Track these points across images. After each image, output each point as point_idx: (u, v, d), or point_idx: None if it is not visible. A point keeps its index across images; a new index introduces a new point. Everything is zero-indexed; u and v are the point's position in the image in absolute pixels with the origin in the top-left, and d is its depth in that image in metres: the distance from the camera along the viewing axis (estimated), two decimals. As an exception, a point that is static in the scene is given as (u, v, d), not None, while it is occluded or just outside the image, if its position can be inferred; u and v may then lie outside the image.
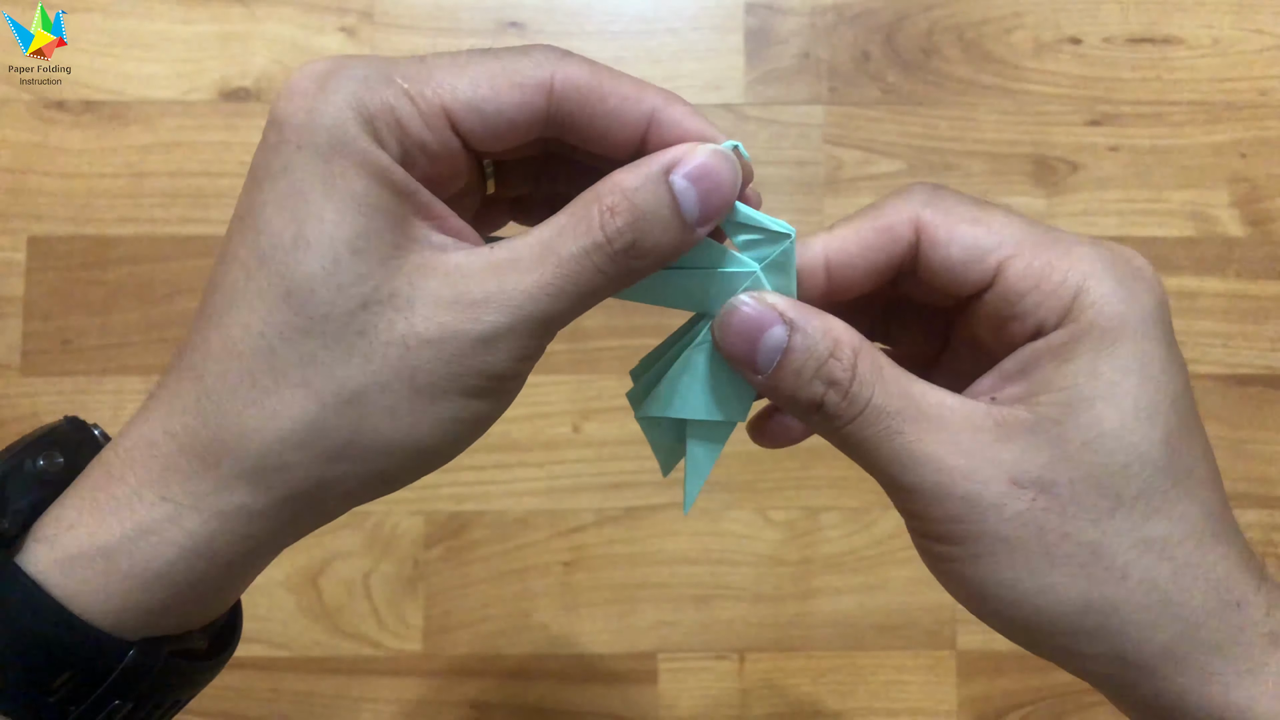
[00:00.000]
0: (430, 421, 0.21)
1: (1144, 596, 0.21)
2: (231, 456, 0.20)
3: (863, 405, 0.22)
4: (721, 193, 0.21)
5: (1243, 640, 0.21)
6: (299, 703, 0.53)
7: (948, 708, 0.54)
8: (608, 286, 0.21)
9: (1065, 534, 0.21)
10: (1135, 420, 0.21)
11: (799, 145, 0.57)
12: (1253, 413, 0.56)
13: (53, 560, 0.20)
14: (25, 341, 0.55)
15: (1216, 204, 0.57)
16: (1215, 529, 0.22)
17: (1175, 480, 0.21)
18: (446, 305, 0.20)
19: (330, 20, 0.57)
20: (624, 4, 0.58)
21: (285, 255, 0.20)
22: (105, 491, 0.21)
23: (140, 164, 0.56)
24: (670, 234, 0.21)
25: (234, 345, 0.20)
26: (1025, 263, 0.22)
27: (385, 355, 0.20)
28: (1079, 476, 0.21)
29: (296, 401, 0.20)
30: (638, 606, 0.54)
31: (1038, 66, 0.58)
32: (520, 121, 0.21)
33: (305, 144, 0.20)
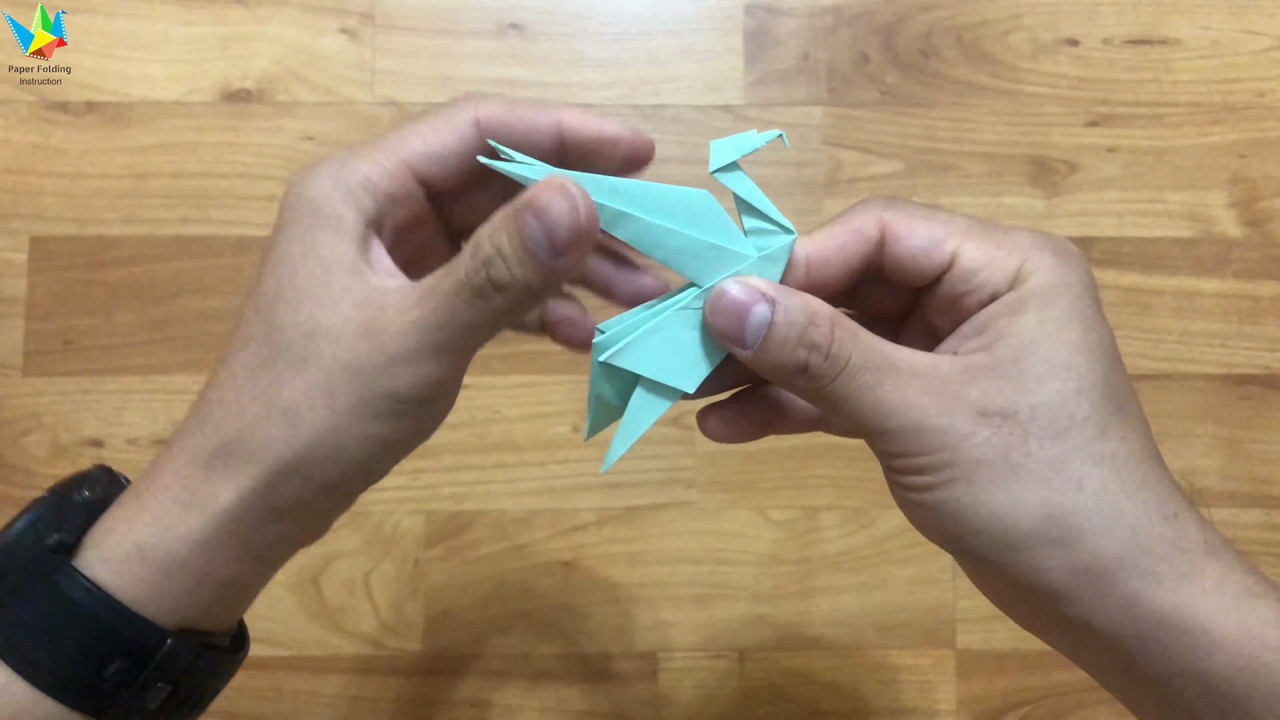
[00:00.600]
0: (348, 436, 0.25)
1: (1098, 503, 0.24)
2: (220, 462, 0.25)
3: (843, 364, 0.25)
4: (563, 228, 0.23)
5: (1182, 547, 0.24)
6: (300, 702, 0.53)
7: (947, 707, 0.54)
8: (486, 320, 0.24)
9: (1028, 452, 0.24)
10: (1080, 356, 0.25)
11: (798, 146, 0.57)
12: (1251, 413, 0.56)
13: (101, 560, 0.25)
14: (27, 342, 0.55)
15: (1214, 205, 0.57)
16: (1152, 453, 0.25)
17: (1117, 407, 0.25)
18: (361, 336, 0.24)
19: (331, 22, 0.58)
20: (624, 5, 0.58)
21: (269, 304, 0.25)
22: (137, 502, 0.26)
23: (142, 165, 0.56)
24: (524, 267, 0.23)
25: (231, 375, 0.26)
26: (975, 246, 0.26)
27: (315, 378, 0.25)
28: (1037, 403, 0.24)
29: (257, 415, 0.25)
30: (638, 606, 0.54)
31: (1036, 68, 0.58)
32: (461, 152, 0.26)
33: (294, 218, 0.26)
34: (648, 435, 0.53)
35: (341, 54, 0.57)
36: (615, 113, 0.57)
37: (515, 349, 0.56)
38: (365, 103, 0.57)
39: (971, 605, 0.54)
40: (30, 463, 0.54)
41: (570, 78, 0.57)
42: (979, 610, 0.54)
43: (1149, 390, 0.56)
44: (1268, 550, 0.55)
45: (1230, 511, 0.55)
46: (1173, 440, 0.56)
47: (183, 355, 0.55)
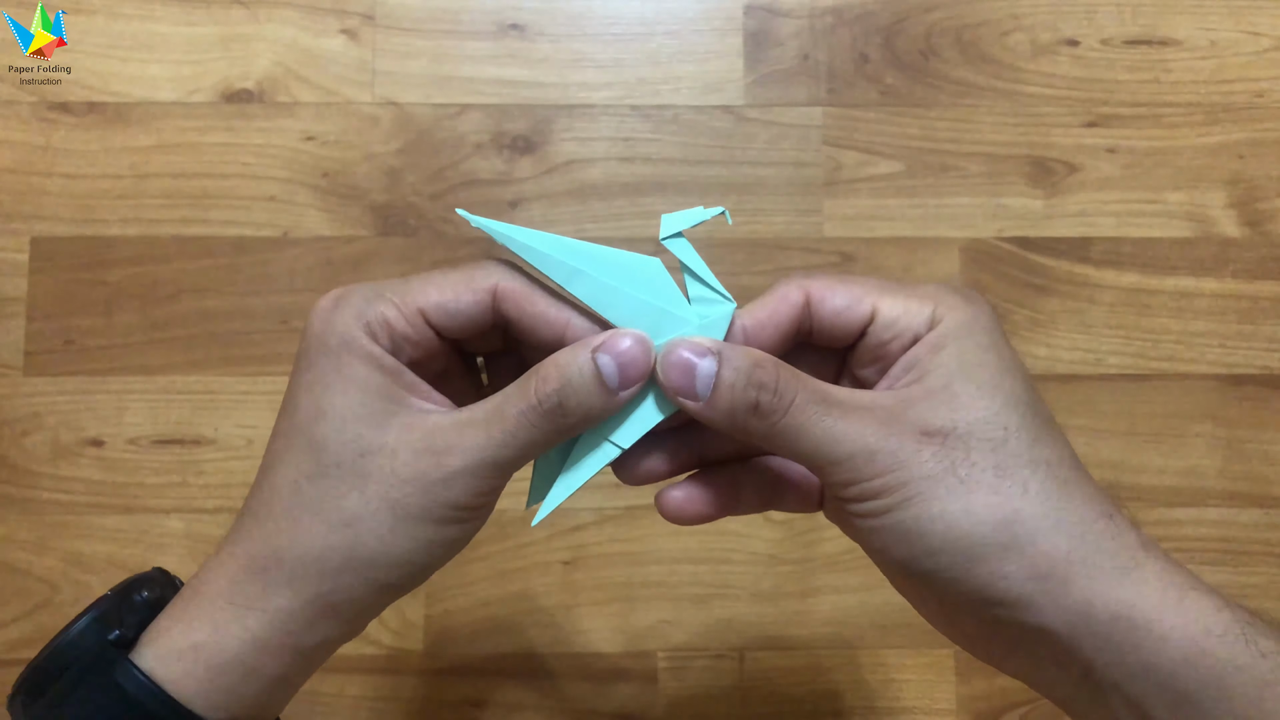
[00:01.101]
0: (409, 541, 0.27)
1: (1043, 505, 0.26)
2: (274, 569, 0.27)
3: (791, 398, 0.27)
4: (637, 367, 0.27)
5: (1124, 543, 0.26)
6: (300, 701, 0.53)
7: (946, 706, 0.54)
8: (546, 439, 0.27)
9: (973, 463, 0.26)
10: (1003, 376, 0.27)
11: (798, 146, 0.57)
12: (1250, 413, 0.56)
13: (156, 656, 0.27)
14: (28, 342, 0.55)
15: (1214, 205, 0.57)
16: (1077, 461, 0.27)
17: (1043, 421, 0.27)
18: (420, 453, 0.27)
19: (332, 22, 0.58)
20: (624, 6, 0.58)
21: (310, 425, 0.27)
22: (192, 604, 0.28)
23: (142, 165, 0.56)
24: (594, 397, 0.27)
25: (278, 490, 0.28)
26: (891, 299, 0.29)
27: (375, 491, 0.27)
28: (973, 419, 0.26)
29: (312, 525, 0.27)
30: (637, 606, 0.54)
31: (1035, 68, 0.58)
32: (474, 314, 0.28)
33: (324, 348, 0.28)
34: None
35: (342, 54, 0.57)
36: (615, 113, 0.57)
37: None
38: (365, 103, 0.57)
39: (971, 605, 0.54)
40: (31, 462, 0.54)
41: (570, 78, 0.58)
42: (978, 610, 0.54)
43: (1148, 390, 0.56)
44: (1267, 550, 0.55)
45: (1230, 511, 0.56)
46: (1172, 440, 0.56)
47: (183, 355, 0.55)
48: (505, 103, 0.57)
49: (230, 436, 0.55)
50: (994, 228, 0.57)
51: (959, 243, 0.57)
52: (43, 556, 0.54)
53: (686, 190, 0.57)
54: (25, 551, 0.54)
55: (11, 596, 0.53)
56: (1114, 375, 0.56)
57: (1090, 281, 0.57)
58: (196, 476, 0.54)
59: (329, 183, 0.57)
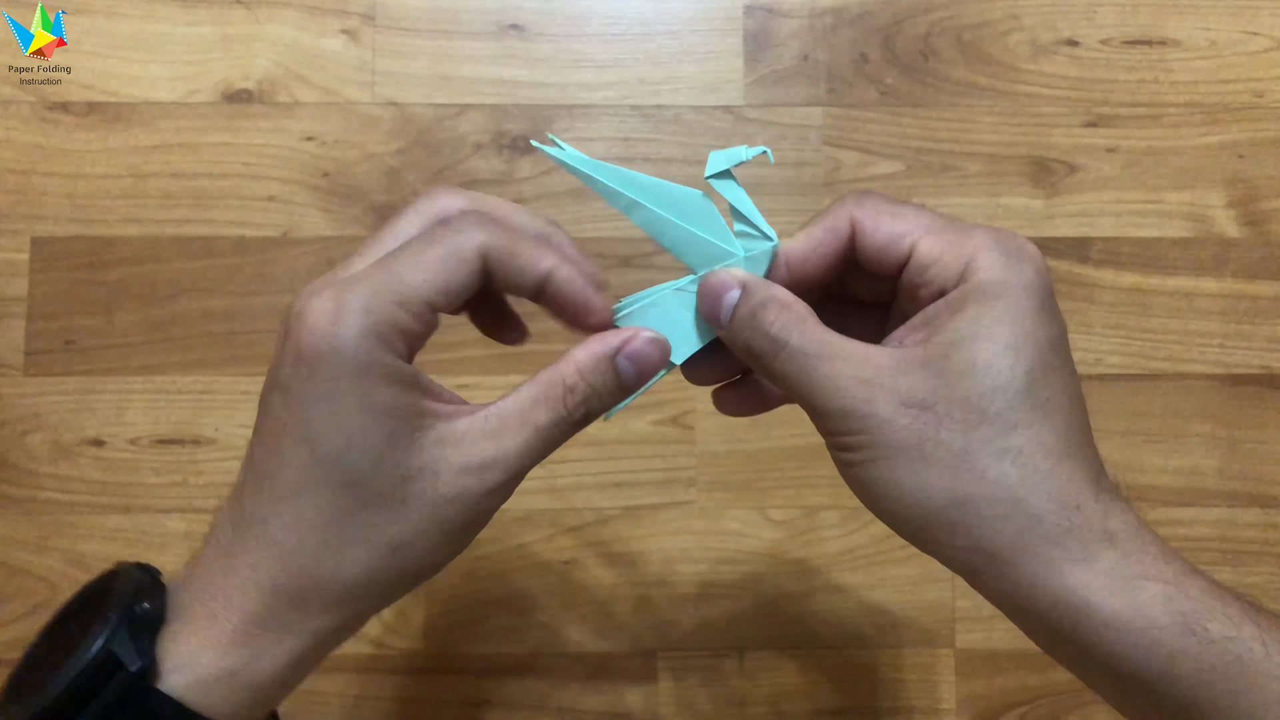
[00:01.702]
0: (452, 549, 0.29)
1: (997, 492, 0.26)
2: (316, 596, 0.28)
3: (785, 343, 0.28)
4: (651, 366, 0.30)
5: (1080, 537, 0.26)
6: (300, 701, 0.53)
7: (946, 706, 0.54)
8: (569, 436, 0.29)
9: (939, 441, 0.27)
10: (1003, 356, 0.26)
11: (798, 147, 0.57)
12: (1249, 413, 0.56)
13: (187, 684, 0.27)
14: (28, 341, 0.55)
15: (1213, 205, 0.57)
16: (1064, 449, 0.27)
17: (1033, 405, 0.27)
18: (460, 472, 0.28)
19: (332, 23, 0.58)
20: (624, 7, 0.58)
21: (340, 458, 0.27)
22: (218, 629, 0.28)
23: (143, 165, 0.56)
24: (614, 396, 0.30)
25: (310, 523, 0.27)
26: (931, 242, 0.28)
27: (420, 514, 0.28)
28: (954, 398, 0.27)
29: (359, 555, 0.27)
30: (638, 605, 0.54)
31: (1035, 68, 0.58)
32: (471, 284, 0.29)
33: (339, 371, 0.26)
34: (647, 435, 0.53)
35: (342, 55, 0.57)
36: (615, 113, 0.57)
37: (515, 349, 0.55)
38: (366, 103, 0.57)
39: (971, 604, 0.54)
40: (31, 462, 0.54)
41: (570, 78, 0.58)
42: (978, 609, 0.54)
43: (1148, 390, 0.56)
44: (1267, 550, 0.55)
45: (1229, 511, 0.56)
46: (1171, 440, 0.56)
47: (183, 355, 0.55)
48: (505, 103, 0.57)
49: (231, 436, 0.55)
50: (994, 228, 0.57)
51: (959, 243, 0.57)
52: (43, 556, 0.54)
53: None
54: (25, 551, 0.54)
55: (12, 596, 0.53)
56: (1114, 375, 0.56)
57: (1090, 281, 0.57)
58: (197, 476, 0.54)
59: (329, 183, 0.57)
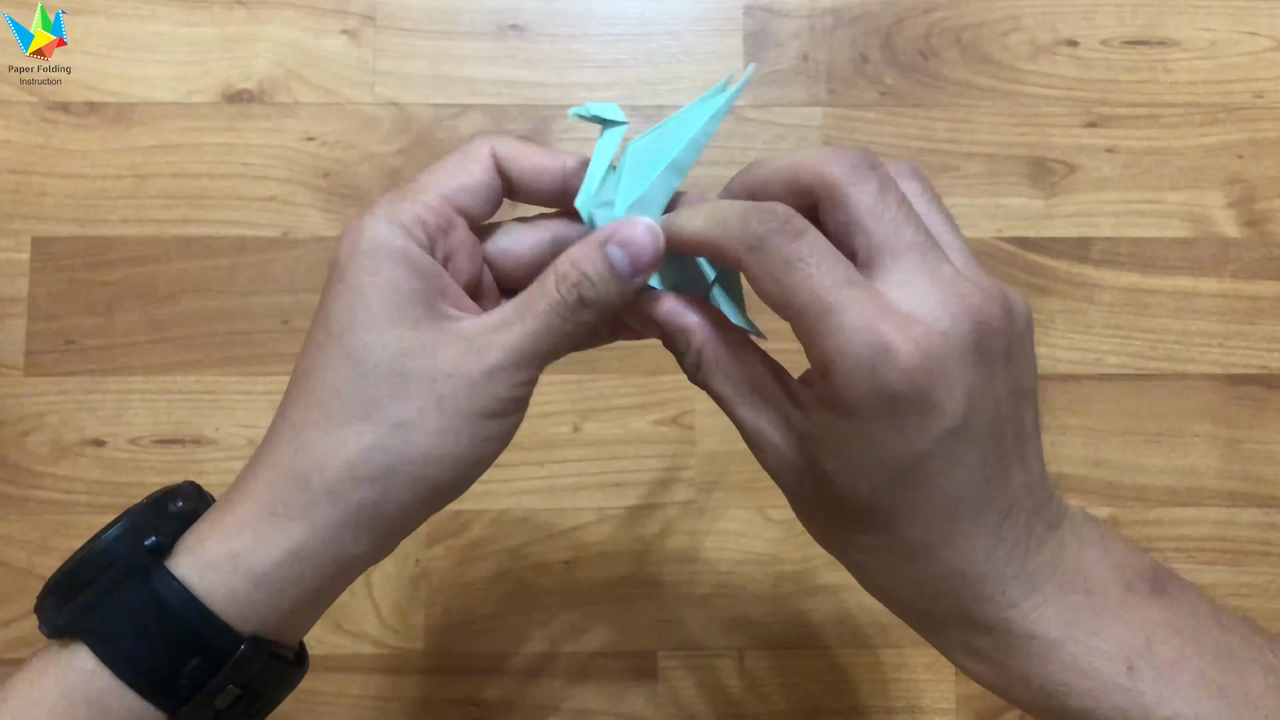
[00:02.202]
0: (457, 437, 0.27)
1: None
2: (317, 477, 0.27)
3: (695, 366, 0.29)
4: (647, 253, 0.29)
5: (1016, 572, 0.26)
6: (301, 701, 0.53)
7: (946, 706, 0.54)
8: (576, 329, 0.29)
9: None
10: (844, 475, 0.27)
11: (798, 147, 0.57)
12: (1249, 413, 0.56)
13: (192, 565, 0.27)
14: (29, 341, 0.55)
15: (1213, 205, 0.58)
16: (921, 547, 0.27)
17: (893, 502, 0.26)
18: (461, 351, 0.27)
19: (332, 23, 0.58)
20: (624, 7, 0.58)
21: (346, 331, 0.27)
22: (229, 515, 0.28)
23: (143, 165, 0.56)
24: (610, 286, 0.28)
25: (315, 397, 0.28)
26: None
27: (421, 389, 0.27)
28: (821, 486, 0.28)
29: (360, 431, 0.27)
30: (637, 605, 0.54)
31: (1035, 69, 0.58)
32: (489, 182, 0.30)
33: (356, 253, 0.28)
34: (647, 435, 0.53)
35: (342, 55, 0.57)
36: (615, 113, 0.57)
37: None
38: (366, 103, 0.57)
39: (970, 605, 0.54)
40: (32, 462, 0.54)
41: (570, 79, 0.58)
42: (978, 609, 0.54)
43: (1148, 390, 0.56)
44: (1267, 550, 0.55)
45: (1229, 511, 0.56)
46: (1172, 440, 0.56)
47: (184, 355, 0.55)
48: (505, 103, 0.57)
49: (231, 436, 0.55)
50: (993, 228, 0.57)
51: (958, 243, 0.57)
52: (43, 556, 0.54)
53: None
54: (26, 551, 0.54)
55: (12, 596, 0.53)
56: (1113, 375, 0.56)
57: (1089, 281, 0.57)
58: (198, 476, 0.54)
59: (329, 183, 0.57)
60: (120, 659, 0.26)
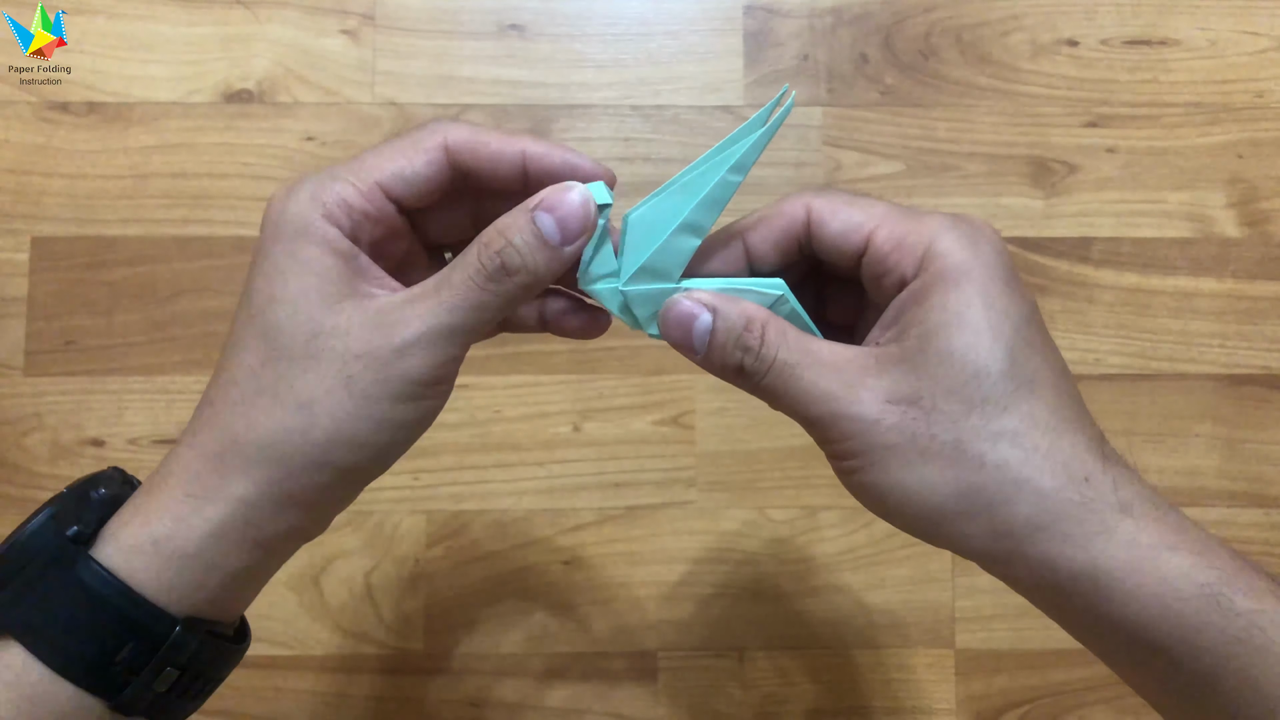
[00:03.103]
0: (366, 421, 0.27)
1: (1000, 477, 0.26)
2: (231, 456, 0.27)
3: (770, 361, 0.28)
4: (577, 220, 0.28)
5: (1094, 509, 0.26)
6: (301, 701, 0.53)
7: (946, 706, 0.54)
8: (497, 301, 0.27)
9: (932, 435, 0.26)
10: (978, 340, 0.26)
11: (798, 147, 0.57)
12: (1250, 413, 0.56)
13: (116, 551, 0.27)
14: (29, 342, 0.55)
15: (1213, 205, 0.57)
16: (1059, 423, 0.27)
17: (1018, 384, 0.26)
18: (372, 328, 0.27)
19: (332, 23, 0.58)
20: (624, 6, 0.58)
21: (264, 311, 0.27)
22: (151, 499, 0.28)
23: (143, 165, 0.56)
24: (537, 254, 0.27)
25: (232, 376, 0.27)
26: (888, 230, 0.28)
27: (329, 369, 0.27)
28: (938, 390, 0.26)
29: (268, 409, 0.27)
30: (637, 605, 0.54)
31: (1035, 68, 0.58)
32: (431, 175, 0.28)
33: (279, 235, 0.27)
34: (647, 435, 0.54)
35: (342, 55, 0.57)
36: (615, 113, 0.57)
37: (515, 349, 0.56)
38: (366, 103, 0.57)
39: (970, 604, 0.54)
40: (31, 462, 0.54)
41: (570, 78, 0.58)
42: (978, 609, 0.54)
43: (1148, 390, 0.56)
44: (1268, 550, 0.55)
45: (1229, 511, 0.56)
46: (1172, 440, 0.56)
47: (183, 355, 0.55)
48: (505, 103, 0.57)
49: (230, 436, 0.55)
50: (994, 228, 0.57)
51: (959, 243, 0.57)
52: (43, 556, 0.54)
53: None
54: (25, 551, 0.54)
55: (12, 596, 0.53)
56: (1114, 375, 0.56)
57: (1090, 281, 0.57)
58: (197, 476, 0.54)
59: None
60: (51, 651, 0.26)
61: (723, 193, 0.29)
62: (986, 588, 0.54)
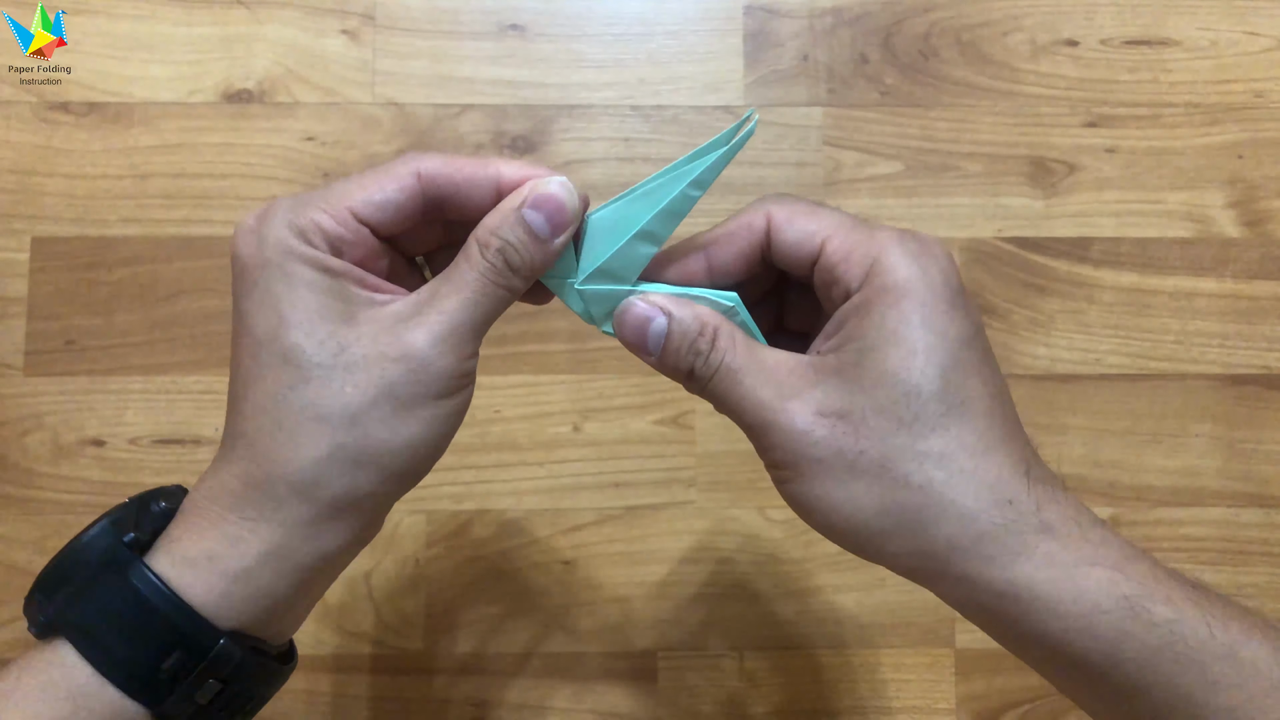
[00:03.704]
0: (415, 421, 0.28)
1: (924, 498, 0.26)
2: (280, 481, 0.27)
3: (716, 366, 0.28)
4: (563, 212, 0.28)
5: (1015, 530, 0.26)
6: (301, 701, 0.53)
7: (946, 706, 0.54)
8: (505, 295, 0.29)
9: (860, 451, 0.26)
10: (912, 360, 0.26)
11: (798, 147, 0.57)
12: (1249, 413, 0.56)
13: (170, 563, 0.27)
14: (29, 342, 0.55)
15: (1213, 205, 0.57)
16: (987, 446, 0.27)
17: (949, 406, 0.27)
18: (398, 332, 0.27)
19: (332, 23, 0.58)
20: (624, 6, 0.58)
21: (273, 336, 0.27)
22: (200, 518, 0.28)
23: (143, 165, 0.56)
24: (532, 249, 0.28)
25: (261, 406, 0.27)
26: (839, 241, 0.28)
27: (366, 378, 0.27)
28: (869, 406, 0.26)
29: (314, 430, 0.27)
30: (637, 605, 0.54)
31: (1035, 69, 0.58)
32: (403, 203, 0.29)
33: (264, 262, 0.28)
34: (647, 435, 0.54)
35: (342, 55, 0.57)
36: (615, 113, 0.57)
37: (515, 349, 0.56)
38: (366, 103, 0.57)
39: (971, 605, 0.54)
40: (32, 462, 0.54)
41: (570, 78, 0.58)
42: (978, 610, 0.54)
43: (1148, 390, 0.56)
44: (1267, 550, 0.55)
45: (1229, 511, 0.56)
46: (1172, 440, 0.56)
47: (184, 355, 0.55)
48: (505, 103, 0.57)
49: (230, 436, 0.55)
50: (993, 228, 0.57)
51: (958, 242, 0.57)
52: (43, 556, 0.53)
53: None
54: (25, 551, 0.54)
55: (12, 596, 0.53)
56: (1113, 375, 0.56)
57: (1089, 281, 0.57)
58: (197, 476, 0.54)
59: (329, 183, 0.57)
60: (100, 653, 0.27)
61: (682, 205, 0.29)
62: (986, 588, 0.54)
